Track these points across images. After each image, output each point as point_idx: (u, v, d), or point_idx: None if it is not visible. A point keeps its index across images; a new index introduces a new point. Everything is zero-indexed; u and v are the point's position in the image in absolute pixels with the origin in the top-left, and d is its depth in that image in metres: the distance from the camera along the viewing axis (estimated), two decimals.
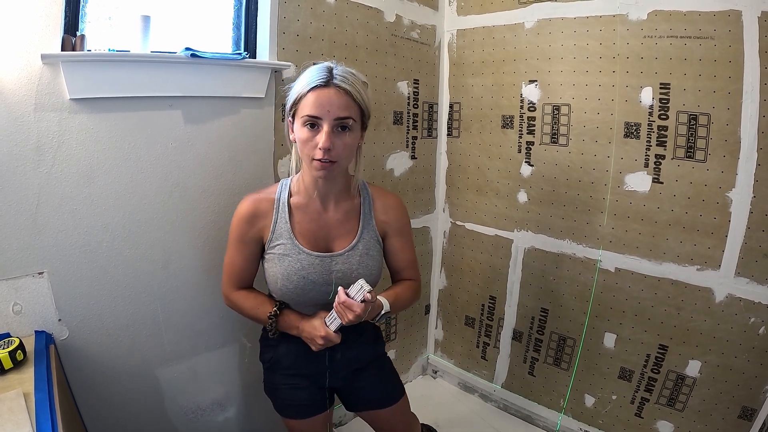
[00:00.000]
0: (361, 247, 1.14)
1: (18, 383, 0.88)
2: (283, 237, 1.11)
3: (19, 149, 1.04)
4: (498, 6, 1.82)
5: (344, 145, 1.02)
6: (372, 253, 1.16)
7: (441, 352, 2.31)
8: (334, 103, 0.99)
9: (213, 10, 1.42)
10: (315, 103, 0.99)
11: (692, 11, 1.39)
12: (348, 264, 1.12)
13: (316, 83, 1.00)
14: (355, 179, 1.18)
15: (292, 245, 1.10)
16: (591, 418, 1.81)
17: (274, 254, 1.12)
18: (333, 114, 0.99)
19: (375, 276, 1.16)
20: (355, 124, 1.03)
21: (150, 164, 1.24)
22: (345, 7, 1.62)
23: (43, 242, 1.10)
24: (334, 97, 0.99)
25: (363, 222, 1.16)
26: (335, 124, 1.00)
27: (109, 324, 1.24)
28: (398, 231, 1.21)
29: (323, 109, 0.99)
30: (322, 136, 0.99)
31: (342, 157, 1.03)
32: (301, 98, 1.02)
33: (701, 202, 1.46)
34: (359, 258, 1.13)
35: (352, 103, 1.02)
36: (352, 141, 1.04)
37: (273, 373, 1.23)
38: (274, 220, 1.12)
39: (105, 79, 1.12)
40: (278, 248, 1.11)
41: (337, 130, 1.01)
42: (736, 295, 1.43)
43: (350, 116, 1.01)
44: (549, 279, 1.84)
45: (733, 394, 1.48)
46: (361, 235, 1.15)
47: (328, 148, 0.99)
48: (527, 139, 1.81)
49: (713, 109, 1.40)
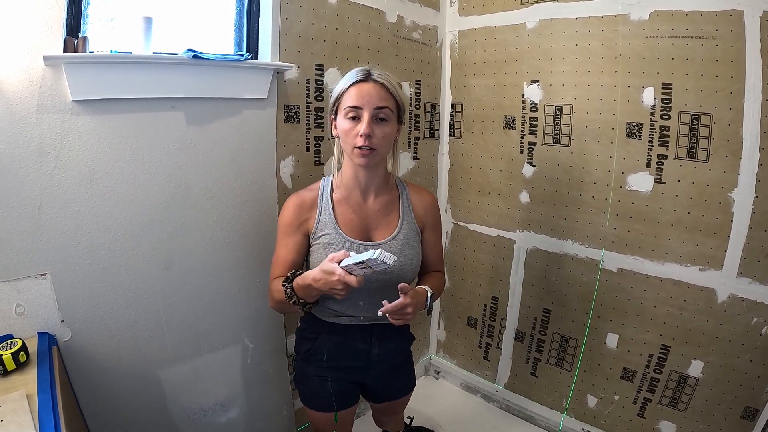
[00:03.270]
0: (401, 236, 1.20)
1: (21, 384, 0.88)
2: (327, 227, 1.17)
3: (21, 151, 1.04)
4: (500, 6, 1.82)
5: (383, 134, 1.11)
6: (412, 243, 1.22)
7: (443, 353, 2.31)
8: (373, 94, 1.10)
9: (215, 11, 1.42)
10: (356, 95, 1.10)
11: (694, 11, 1.39)
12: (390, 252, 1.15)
13: (357, 78, 1.11)
14: (393, 174, 1.27)
15: (337, 234, 1.16)
16: (593, 418, 1.81)
17: (319, 244, 1.17)
18: (372, 104, 1.09)
19: (415, 265, 1.22)
20: (392, 115, 1.13)
21: (152, 166, 1.24)
22: (347, 8, 1.62)
23: (45, 244, 1.10)
24: (373, 89, 1.10)
25: (403, 213, 1.23)
26: (374, 114, 1.10)
27: (112, 325, 1.24)
28: (432, 227, 1.29)
29: (363, 100, 1.09)
30: (363, 124, 1.09)
31: (381, 146, 1.12)
32: (343, 93, 1.12)
33: (703, 202, 1.46)
34: (400, 247, 1.19)
35: (389, 96, 1.12)
36: (390, 131, 1.13)
37: (307, 364, 1.27)
38: (319, 212, 1.19)
39: (107, 80, 1.12)
40: (323, 238, 1.17)
41: (376, 120, 1.10)
42: (739, 295, 1.43)
43: (387, 106, 1.11)
44: (551, 279, 1.84)
45: (735, 395, 1.47)
46: (402, 225, 1.22)
47: (369, 134, 1.08)
48: (529, 139, 1.81)
49: (715, 109, 1.40)
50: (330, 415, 1.26)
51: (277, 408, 1.69)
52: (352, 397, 1.31)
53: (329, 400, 1.25)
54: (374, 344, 1.24)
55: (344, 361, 1.24)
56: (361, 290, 1.13)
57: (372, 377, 1.30)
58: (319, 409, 1.27)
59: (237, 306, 1.49)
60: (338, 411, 1.26)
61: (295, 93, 1.51)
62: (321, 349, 1.23)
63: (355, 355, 1.24)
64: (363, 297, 1.17)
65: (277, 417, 1.69)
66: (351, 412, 1.32)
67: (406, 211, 1.23)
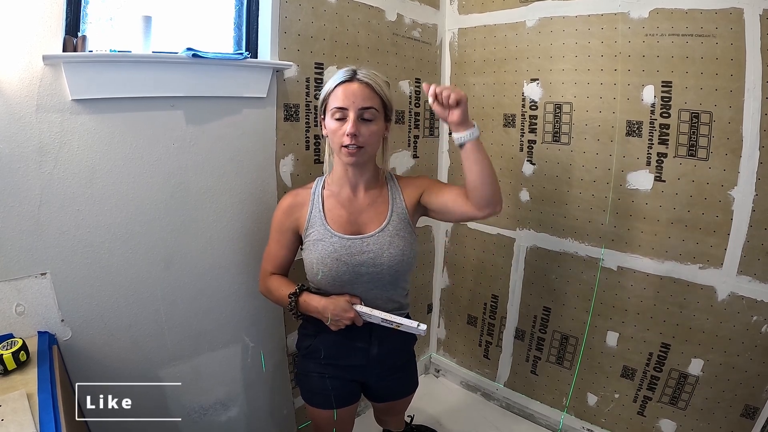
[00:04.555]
0: (391, 228, 1.21)
1: (21, 384, 0.88)
2: (316, 224, 1.21)
3: (21, 150, 1.04)
4: (499, 5, 1.82)
5: (370, 132, 1.14)
6: (402, 234, 1.22)
7: (443, 351, 2.31)
8: (357, 94, 1.12)
9: (214, 10, 1.42)
10: (342, 96, 1.12)
11: (694, 9, 1.39)
12: (379, 245, 1.19)
13: (342, 79, 1.13)
14: (383, 168, 1.28)
15: (324, 230, 1.20)
16: (593, 416, 1.81)
17: (309, 241, 1.21)
18: (357, 104, 1.12)
19: (407, 256, 1.22)
20: (378, 114, 1.15)
21: (152, 164, 1.24)
22: (346, 7, 1.61)
23: (45, 243, 1.10)
24: (358, 90, 1.12)
25: (392, 206, 1.24)
26: (360, 113, 1.12)
27: (112, 324, 1.24)
28: (430, 184, 1.27)
29: (348, 100, 1.12)
30: (348, 124, 1.11)
31: (369, 144, 1.14)
32: (329, 94, 1.15)
33: (703, 200, 1.46)
34: (390, 238, 1.20)
35: (374, 95, 1.14)
36: (376, 129, 1.15)
37: (307, 361, 1.29)
38: (310, 210, 1.23)
39: (106, 79, 1.12)
40: (312, 234, 1.21)
41: (362, 119, 1.13)
42: (739, 293, 1.43)
43: (373, 106, 1.13)
44: (551, 278, 1.84)
45: (735, 393, 1.48)
46: (390, 217, 1.23)
47: (354, 133, 1.10)
48: (529, 137, 1.81)
49: (715, 108, 1.40)
50: (329, 412, 1.27)
51: (278, 407, 1.69)
52: (352, 396, 1.31)
53: (328, 398, 1.25)
54: (373, 344, 1.24)
55: (343, 360, 1.25)
56: (349, 284, 1.18)
57: (372, 377, 1.30)
58: (319, 405, 1.28)
59: (237, 305, 1.49)
60: (337, 408, 1.27)
61: (294, 91, 1.51)
62: (319, 346, 1.25)
63: (354, 354, 1.24)
64: (356, 292, 1.19)
65: (277, 416, 1.69)
66: (351, 410, 1.32)
67: (396, 203, 1.25)
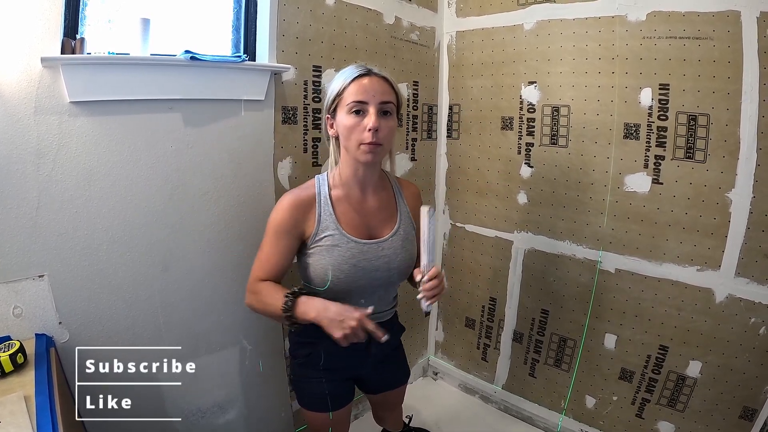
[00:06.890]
0: (402, 231, 1.21)
1: (19, 386, 0.88)
2: (329, 228, 1.13)
3: (19, 152, 1.04)
4: (497, 7, 1.82)
5: (388, 129, 1.10)
6: (410, 237, 1.22)
7: (442, 354, 2.31)
8: (377, 89, 1.08)
9: (212, 12, 1.42)
10: (360, 90, 1.07)
11: (691, 12, 1.40)
12: (393, 249, 1.18)
13: (359, 73, 1.09)
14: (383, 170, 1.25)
15: (341, 235, 1.13)
16: (592, 419, 1.81)
17: (321, 246, 1.13)
18: (378, 98, 1.07)
19: (414, 259, 1.21)
20: (394, 110, 1.12)
21: (150, 167, 1.24)
22: (344, 10, 1.62)
23: (43, 245, 1.10)
24: (377, 83, 1.09)
25: (399, 208, 1.23)
26: (380, 108, 1.08)
27: (110, 327, 1.24)
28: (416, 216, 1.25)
29: (368, 94, 1.07)
30: (370, 117, 1.06)
31: (386, 141, 1.10)
32: (344, 89, 1.09)
33: (701, 202, 1.46)
34: (402, 242, 1.19)
35: (391, 90, 1.11)
36: (394, 125, 1.12)
37: (305, 368, 1.25)
38: (318, 213, 1.14)
39: (105, 82, 1.13)
40: (326, 240, 1.13)
41: (381, 114, 1.08)
42: (737, 295, 1.43)
43: (391, 101, 1.10)
44: (549, 280, 1.84)
45: (733, 395, 1.47)
46: (400, 221, 1.21)
47: (377, 128, 1.05)
48: (527, 140, 1.81)
49: (712, 110, 1.40)
50: (327, 414, 1.26)
51: (276, 409, 1.69)
52: (349, 395, 1.31)
53: (324, 401, 1.24)
54: (373, 342, 1.18)
55: (342, 361, 1.24)
56: (361, 289, 1.15)
57: (366, 369, 1.30)
58: (318, 410, 1.26)
59: (235, 307, 1.48)
60: (333, 411, 1.25)
61: (292, 94, 1.51)
62: (321, 353, 1.21)
63: (353, 354, 1.22)
64: (365, 295, 1.17)
65: (275, 418, 1.69)
66: (348, 409, 1.32)
67: (401, 206, 1.23)
